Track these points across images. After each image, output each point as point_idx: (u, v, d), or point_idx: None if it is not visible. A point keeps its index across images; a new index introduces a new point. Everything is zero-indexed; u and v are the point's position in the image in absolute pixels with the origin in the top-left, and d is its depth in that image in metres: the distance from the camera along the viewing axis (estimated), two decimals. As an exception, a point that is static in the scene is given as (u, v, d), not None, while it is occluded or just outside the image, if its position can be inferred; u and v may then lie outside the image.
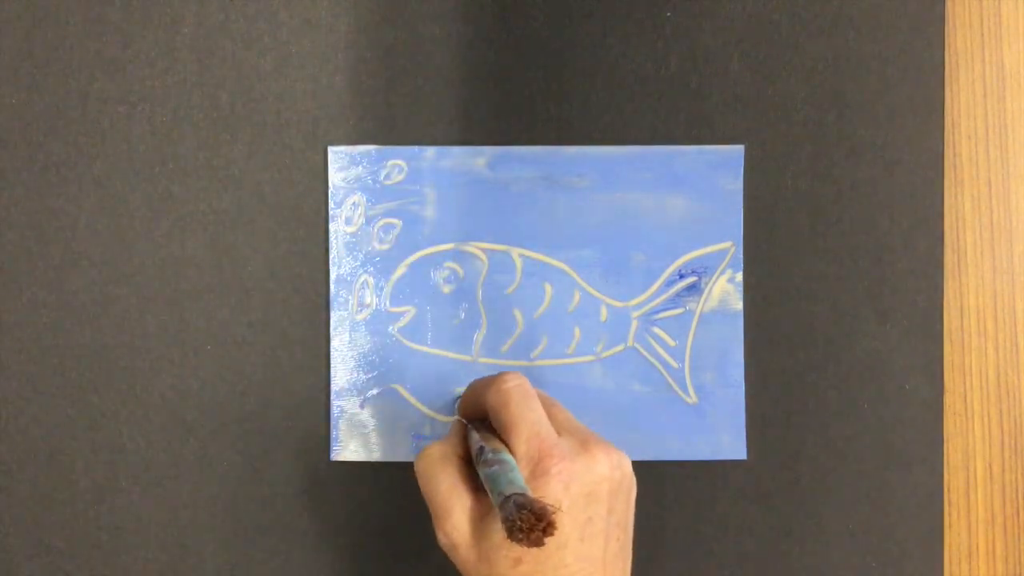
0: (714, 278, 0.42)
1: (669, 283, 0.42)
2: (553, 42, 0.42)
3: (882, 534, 0.42)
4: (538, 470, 0.32)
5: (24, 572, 0.42)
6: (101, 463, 0.42)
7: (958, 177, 0.43)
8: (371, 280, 0.42)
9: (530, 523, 0.28)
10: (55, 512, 0.42)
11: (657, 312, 0.42)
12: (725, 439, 0.42)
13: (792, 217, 0.42)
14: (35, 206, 0.42)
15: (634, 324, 0.42)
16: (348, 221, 0.42)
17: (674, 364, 0.42)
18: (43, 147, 0.42)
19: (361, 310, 0.42)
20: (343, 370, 0.42)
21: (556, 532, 0.28)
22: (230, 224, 0.42)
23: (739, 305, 0.42)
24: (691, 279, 0.42)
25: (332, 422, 0.42)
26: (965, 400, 0.43)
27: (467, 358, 0.42)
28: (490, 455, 0.32)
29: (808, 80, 0.42)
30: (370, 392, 0.42)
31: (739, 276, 0.42)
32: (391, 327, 0.42)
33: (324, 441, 0.42)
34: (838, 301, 0.42)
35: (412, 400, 0.42)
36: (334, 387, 0.42)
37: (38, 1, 0.42)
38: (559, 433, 0.33)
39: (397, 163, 0.42)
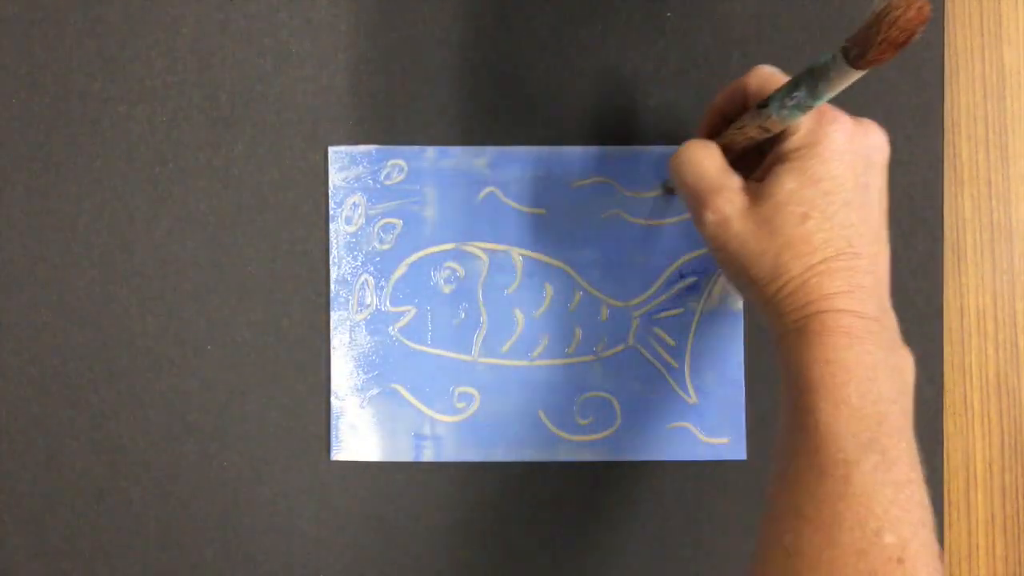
0: (714, 278, 0.42)
1: (669, 283, 0.42)
2: (553, 42, 0.42)
3: (882, 534, 0.42)
4: (825, 118, 0.32)
5: (24, 572, 0.42)
6: (101, 463, 0.42)
7: (958, 177, 0.43)
8: (371, 280, 0.42)
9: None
10: (55, 512, 0.42)
11: (657, 312, 0.42)
12: (725, 439, 0.42)
13: (792, 217, 0.42)
14: (35, 206, 0.42)
15: (634, 324, 0.42)
16: (348, 221, 0.42)
17: (674, 364, 0.42)
18: (43, 147, 0.42)
19: (361, 310, 0.42)
20: (343, 370, 0.42)
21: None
22: (230, 224, 0.42)
23: (739, 305, 0.42)
24: (691, 279, 0.42)
25: (332, 422, 0.42)
26: (965, 400, 0.43)
27: (467, 358, 0.42)
28: (775, 91, 0.31)
29: (808, 80, 0.42)
30: (370, 392, 0.42)
31: (739, 276, 0.42)
32: (391, 327, 0.42)
33: (324, 441, 0.42)
34: (838, 301, 0.42)
35: (412, 400, 0.42)
36: (334, 387, 0.42)
37: (38, 1, 0.42)
38: None
39: (397, 163, 0.42)
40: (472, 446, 0.42)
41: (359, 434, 0.42)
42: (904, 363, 0.32)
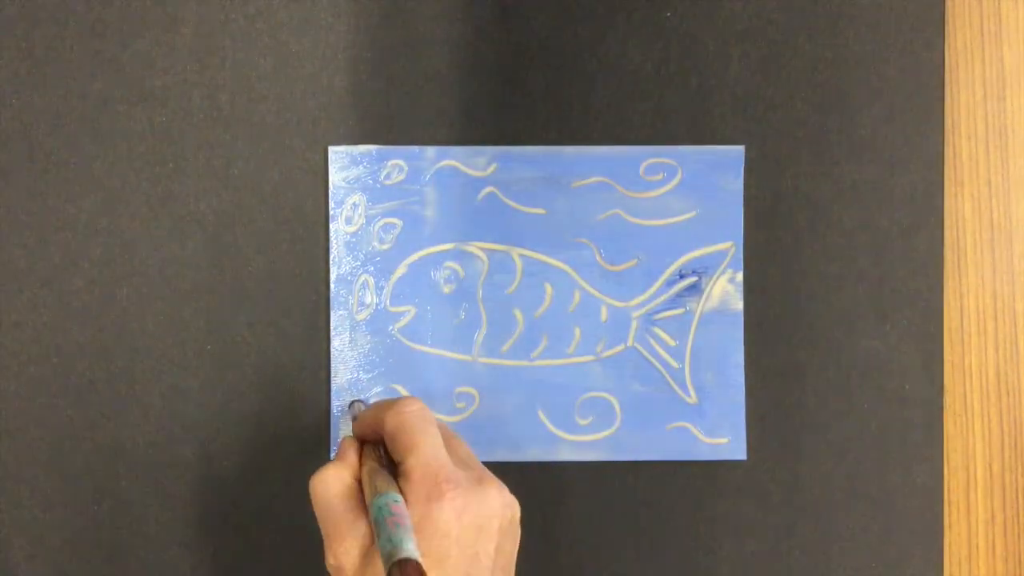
0: (714, 278, 0.42)
1: (669, 283, 0.42)
2: (553, 42, 0.42)
3: (882, 534, 0.42)
4: (433, 494, 0.31)
5: (24, 572, 0.42)
6: (101, 463, 0.42)
7: (958, 177, 0.43)
8: (371, 280, 0.42)
9: None
10: (55, 512, 0.42)
11: (657, 312, 0.42)
12: (725, 439, 0.42)
13: (792, 217, 0.42)
14: (35, 206, 0.42)
15: (634, 324, 0.42)
16: (348, 221, 0.42)
17: (674, 364, 0.42)
18: (43, 147, 0.42)
19: (361, 310, 0.42)
20: (343, 370, 0.42)
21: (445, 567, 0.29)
22: (230, 224, 0.42)
23: (739, 305, 0.42)
24: (691, 279, 0.42)
25: (332, 422, 0.42)
26: (965, 400, 0.43)
27: (467, 358, 0.42)
28: (382, 499, 0.31)
29: (808, 80, 0.42)
30: (370, 392, 0.42)
31: (739, 276, 0.42)
32: (391, 327, 0.42)
33: (324, 441, 0.42)
34: (838, 301, 0.42)
35: (412, 400, 0.42)
36: (334, 387, 0.42)
37: (38, 1, 0.42)
38: (456, 464, 0.33)
39: (397, 163, 0.42)
40: (472, 446, 0.42)
41: (359, 434, 0.42)
42: None
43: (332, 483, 0.34)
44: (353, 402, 0.42)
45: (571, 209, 0.42)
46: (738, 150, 0.42)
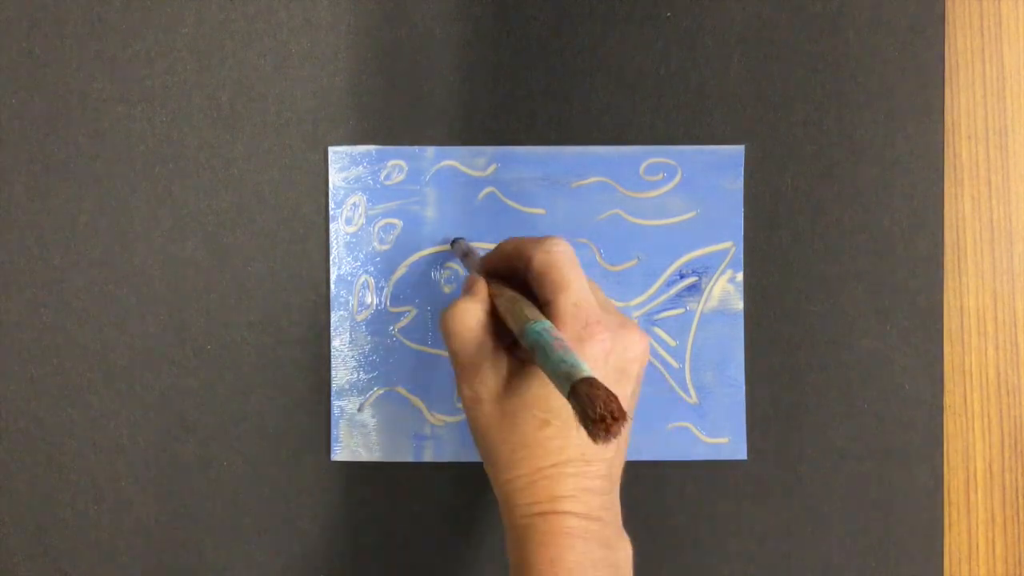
0: (714, 278, 0.42)
1: (669, 283, 0.42)
2: (553, 42, 0.42)
3: (882, 534, 0.42)
4: (584, 334, 0.32)
5: (24, 572, 0.42)
6: (101, 463, 0.42)
7: (958, 177, 0.43)
8: (371, 280, 0.42)
9: (607, 413, 0.26)
10: (55, 512, 0.42)
11: (658, 312, 0.42)
12: (725, 439, 0.42)
13: (792, 217, 0.42)
14: (35, 206, 0.42)
15: (634, 324, 0.42)
16: (348, 221, 0.42)
17: (674, 364, 0.42)
18: (43, 147, 0.42)
19: (361, 310, 0.42)
20: (343, 370, 0.42)
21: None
22: (230, 224, 0.42)
23: (739, 305, 0.42)
24: (691, 279, 0.42)
25: (332, 422, 0.42)
26: (965, 400, 0.43)
27: (467, 358, 0.42)
28: (540, 324, 0.30)
29: (808, 80, 0.42)
30: (370, 392, 0.42)
31: (739, 276, 0.42)
32: (391, 327, 0.42)
33: (324, 441, 0.42)
34: (838, 301, 0.42)
35: (412, 400, 0.42)
36: (334, 387, 0.42)
37: (38, 1, 0.42)
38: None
39: (397, 163, 0.42)
40: (472, 446, 0.42)
41: (359, 434, 0.42)
42: (621, 555, 0.33)
43: (467, 316, 0.33)
44: (456, 240, 0.41)
45: (571, 209, 0.42)
46: (738, 150, 0.42)
